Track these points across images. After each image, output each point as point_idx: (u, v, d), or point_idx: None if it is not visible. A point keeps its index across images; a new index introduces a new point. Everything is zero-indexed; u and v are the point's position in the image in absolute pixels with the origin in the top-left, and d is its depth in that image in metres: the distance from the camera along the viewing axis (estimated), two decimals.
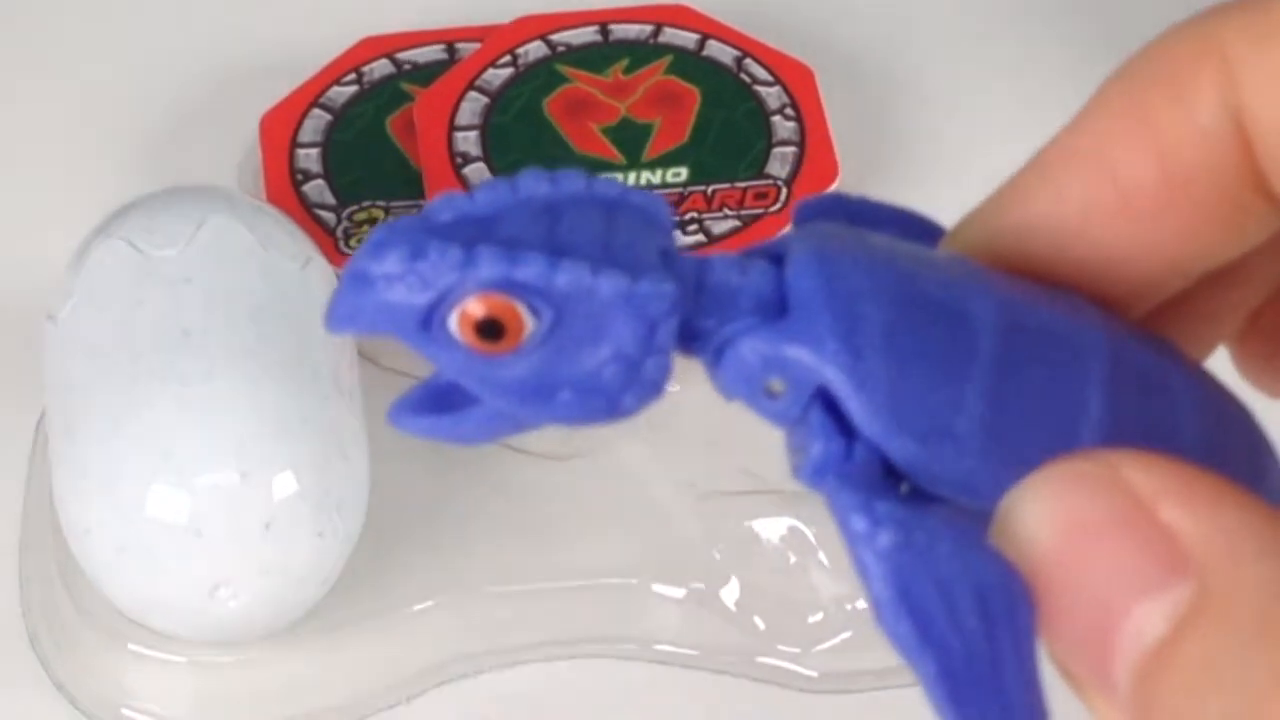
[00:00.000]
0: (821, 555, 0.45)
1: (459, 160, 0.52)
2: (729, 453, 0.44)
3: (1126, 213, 0.19)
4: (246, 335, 0.42)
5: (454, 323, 0.18)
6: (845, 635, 0.46)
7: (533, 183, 0.19)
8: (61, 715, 0.45)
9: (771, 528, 0.46)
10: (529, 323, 0.18)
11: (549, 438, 0.45)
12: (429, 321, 0.18)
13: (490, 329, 0.18)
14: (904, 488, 0.19)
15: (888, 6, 0.62)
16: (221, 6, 0.61)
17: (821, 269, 0.19)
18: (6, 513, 0.47)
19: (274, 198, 0.53)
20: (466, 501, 0.48)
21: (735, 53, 0.54)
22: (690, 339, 0.19)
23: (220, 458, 0.40)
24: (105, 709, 0.45)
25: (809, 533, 0.46)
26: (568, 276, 0.18)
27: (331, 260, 0.48)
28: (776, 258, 0.19)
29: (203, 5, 0.61)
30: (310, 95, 0.55)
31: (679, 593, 0.47)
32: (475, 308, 0.18)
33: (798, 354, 0.18)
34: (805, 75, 0.54)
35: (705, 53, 0.55)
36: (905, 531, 0.18)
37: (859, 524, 0.18)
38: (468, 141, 0.52)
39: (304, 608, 0.43)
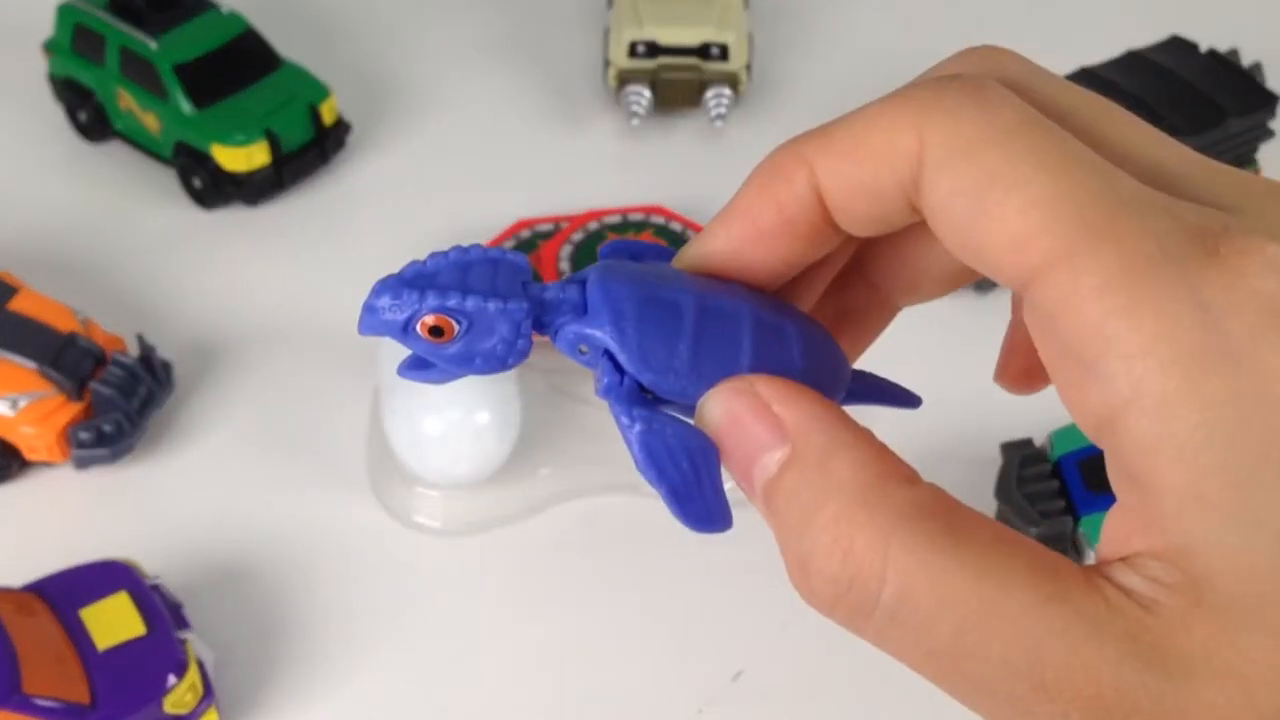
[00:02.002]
0: None
1: (561, 272, 0.78)
2: None
3: (762, 241, 0.25)
4: None
5: (418, 328, 0.23)
6: None
7: (454, 253, 0.24)
8: (383, 519, 0.69)
9: None
10: (456, 327, 0.23)
11: (599, 402, 0.40)
12: (406, 328, 0.23)
13: (437, 331, 0.23)
14: (650, 398, 0.24)
15: None
16: (457, 200, 0.87)
17: (603, 287, 0.24)
18: (361, 428, 0.73)
19: None
20: (557, 427, 0.70)
21: (679, 225, 0.83)
22: (541, 327, 0.25)
23: (454, 405, 0.64)
24: (403, 516, 0.69)
25: None
26: (473, 303, 0.23)
27: None
28: (581, 282, 0.25)
29: (449, 203, 0.86)
30: (495, 245, 0.68)
31: None
32: (428, 320, 0.23)
33: (592, 333, 0.24)
34: None
35: (668, 226, 0.83)
36: (648, 422, 0.24)
37: (624, 419, 0.24)
38: (563, 262, 0.80)
39: (491, 470, 0.67)
